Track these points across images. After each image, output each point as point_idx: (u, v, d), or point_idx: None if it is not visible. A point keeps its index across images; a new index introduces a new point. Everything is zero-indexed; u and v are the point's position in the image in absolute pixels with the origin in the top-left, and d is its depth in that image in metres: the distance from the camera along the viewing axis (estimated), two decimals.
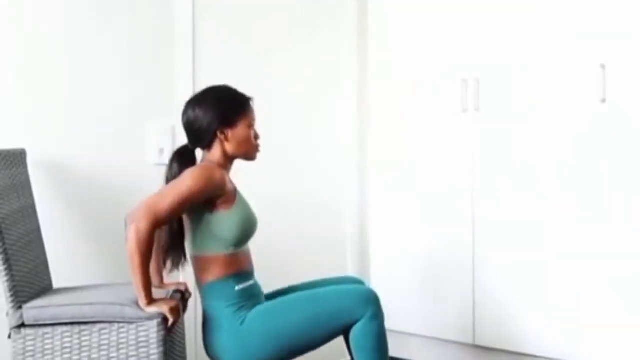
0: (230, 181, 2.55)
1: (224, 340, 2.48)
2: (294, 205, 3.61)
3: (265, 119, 3.25)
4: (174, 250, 2.60)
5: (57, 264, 2.84)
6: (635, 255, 2.96)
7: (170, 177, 2.54)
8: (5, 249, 2.45)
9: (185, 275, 3.10)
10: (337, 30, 3.79)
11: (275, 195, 3.47)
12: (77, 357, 2.43)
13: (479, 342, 3.42)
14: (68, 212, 2.99)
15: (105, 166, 3.08)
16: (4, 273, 2.44)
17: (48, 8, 2.95)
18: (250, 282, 2.55)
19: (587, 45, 3.08)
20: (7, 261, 2.45)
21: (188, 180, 2.42)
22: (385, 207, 3.79)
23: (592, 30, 3.07)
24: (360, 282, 2.78)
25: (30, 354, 2.43)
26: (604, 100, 3.03)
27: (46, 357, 2.43)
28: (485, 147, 3.40)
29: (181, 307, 2.55)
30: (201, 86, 3.21)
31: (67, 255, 2.95)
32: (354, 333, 2.48)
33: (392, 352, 3.52)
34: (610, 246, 3.02)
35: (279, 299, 2.55)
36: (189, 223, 2.55)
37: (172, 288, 2.70)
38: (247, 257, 2.58)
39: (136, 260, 2.33)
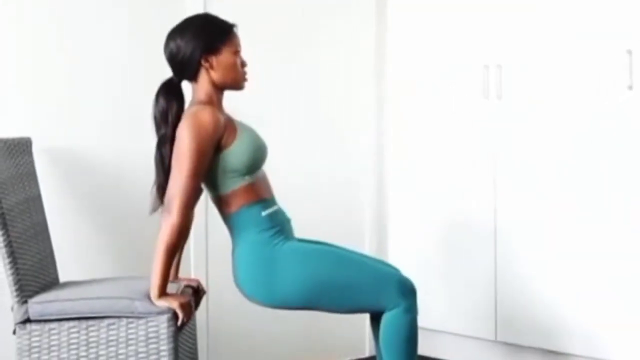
0: (224, 114, 2.52)
1: (255, 268, 2.46)
2: (310, 188, 3.61)
3: (280, 103, 3.38)
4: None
5: (64, 257, 2.82)
6: None
7: (157, 113, 2.51)
8: (10, 242, 2.43)
9: (197, 273, 3.15)
10: (355, 15, 3.78)
11: (291, 177, 3.48)
12: (84, 353, 2.41)
13: (500, 338, 3.41)
14: (75, 203, 2.97)
15: (114, 155, 3.07)
16: (8, 267, 2.43)
17: None
18: (275, 207, 2.53)
19: (613, 30, 3.04)
20: (11, 254, 2.43)
21: (187, 144, 2.38)
22: (404, 197, 3.77)
23: (618, 14, 3.03)
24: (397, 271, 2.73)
25: (36, 350, 2.41)
26: (630, 87, 3.00)
27: (52, 354, 2.41)
28: (507, 135, 3.37)
29: (192, 304, 2.54)
30: None
31: (74, 248, 2.94)
32: (385, 321, 2.45)
33: None
34: None
35: (324, 247, 2.53)
36: None
37: (184, 283, 2.69)
38: (266, 184, 2.56)
39: (164, 252, 2.35)
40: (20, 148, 2.68)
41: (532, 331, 3.27)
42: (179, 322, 2.41)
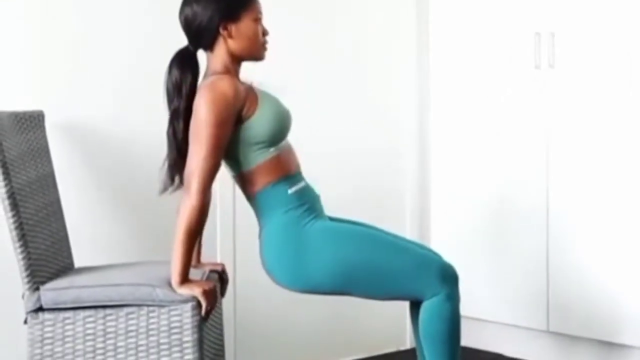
0: (244, 83, 2.46)
1: (283, 251, 2.41)
2: (350, 159, 3.58)
3: (318, 69, 3.43)
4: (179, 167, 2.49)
5: (79, 240, 2.78)
6: None
7: (170, 84, 2.45)
8: (20, 224, 2.37)
9: (223, 257, 3.09)
10: None
11: (330, 148, 3.47)
12: (101, 345, 2.36)
13: (553, 329, 3.34)
14: (91, 181, 2.94)
15: (132, 130, 3.01)
16: (19, 250, 2.38)
17: None
18: (303, 184, 2.47)
19: None
20: (22, 237, 2.38)
21: (206, 117, 2.32)
22: (449, 173, 3.72)
23: None
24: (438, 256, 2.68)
25: (49, 340, 2.36)
26: None
27: (67, 345, 2.36)
28: (560, 107, 3.29)
29: (218, 291, 2.49)
30: None
31: (90, 230, 2.90)
32: (424, 310, 2.38)
33: None
34: None
35: (358, 228, 2.48)
36: None
37: (208, 268, 2.64)
38: (291, 157, 2.50)
39: (184, 235, 2.30)
40: (32, 122, 2.63)
41: (587, 321, 3.20)
42: (203, 311, 2.34)
